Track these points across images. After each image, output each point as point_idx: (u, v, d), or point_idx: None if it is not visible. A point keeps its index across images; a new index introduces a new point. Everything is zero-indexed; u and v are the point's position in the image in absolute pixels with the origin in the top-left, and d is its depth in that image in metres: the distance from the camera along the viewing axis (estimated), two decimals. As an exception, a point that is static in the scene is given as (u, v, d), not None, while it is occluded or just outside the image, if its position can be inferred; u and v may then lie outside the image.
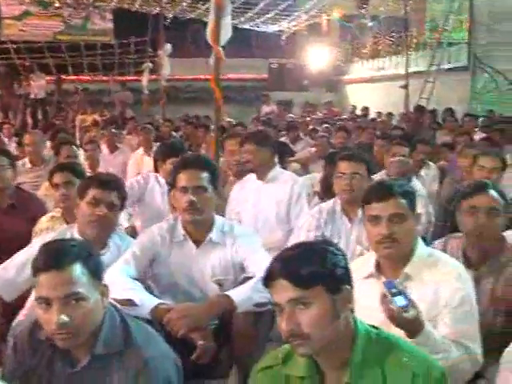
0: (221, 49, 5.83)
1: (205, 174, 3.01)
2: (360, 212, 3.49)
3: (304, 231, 3.70)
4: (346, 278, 1.73)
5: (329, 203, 3.78)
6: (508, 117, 11.51)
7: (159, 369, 1.90)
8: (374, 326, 1.81)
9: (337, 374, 1.73)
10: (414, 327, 2.06)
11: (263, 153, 4.45)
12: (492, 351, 2.85)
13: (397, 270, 2.36)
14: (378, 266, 2.42)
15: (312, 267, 1.65)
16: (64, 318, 1.85)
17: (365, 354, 1.71)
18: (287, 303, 1.66)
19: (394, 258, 2.36)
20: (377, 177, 4.36)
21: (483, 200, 2.74)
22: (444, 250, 2.93)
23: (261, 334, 2.81)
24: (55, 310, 1.85)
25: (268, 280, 1.71)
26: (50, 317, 1.86)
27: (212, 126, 7.40)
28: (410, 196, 2.38)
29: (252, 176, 4.56)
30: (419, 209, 4.32)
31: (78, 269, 1.90)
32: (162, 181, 4.65)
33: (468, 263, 2.80)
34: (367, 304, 2.39)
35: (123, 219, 4.42)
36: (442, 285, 2.31)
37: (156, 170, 4.78)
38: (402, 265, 2.34)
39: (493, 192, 2.77)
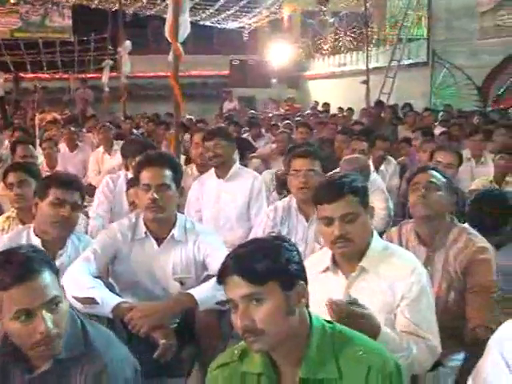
0: (180, 45, 5.80)
1: (168, 172, 2.99)
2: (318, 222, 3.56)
3: (261, 230, 3.71)
4: (299, 274, 1.73)
5: (284, 201, 3.79)
6: (466, 111, 11.72)
7: (118, 373, 1.86)
8: (329, 321, 1.82)
9: (293, 370, 1.73)
10: (369, 328, 2.06)
11: (230, 148, 4.47)
12: (450, 338, 2.94)
13: (353, 265, 2.38)
14: (335, 260, 2.44)
15: (265, 263, 1.65)
16: (51, 325, 1.79)
17: (320, 350, 1.72)
18: (241, 299, 1.66)
19: (350, 257, 2.39)
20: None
21: (423, 177, 2.97)
22: (399, 234, 3.06)
23: (223, 332, 2.81)
24: (40, 318, 1.78)
25: (222, 277, 1.71)
26: (34, 327, 1.78)
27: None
28: (361, 192, 2.36)
29: (211, 173, 4.55)
30: (379, 203, 4.44)
31: (47, 274, 1.84)
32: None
33: (420, 241, 2.96)
34: (325, 298, 2.42)
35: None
36: (397, 279, 2.34)
37: (126, 167, 4.76)
38: (358, 259, 2.36)
39: (433, 171, 3.01)
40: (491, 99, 13.87)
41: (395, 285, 2.33)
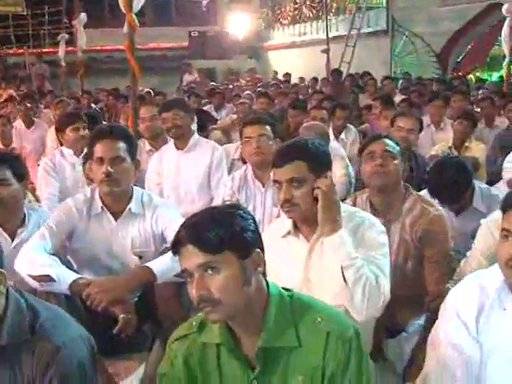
0: (135, 16, 5.69)
1: (121, 144, 2.93)
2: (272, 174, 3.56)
3: (220, 200, 3.72)
4: (255, 242, 1.71)
5: (241, 170, 3.80)
6: (426, 79, 11.78)
7: (71, 354, 1.79)
8: (287, 289, 1.80)
9: (252, 339, 1.71)
10: (332, 217, 2.20)
11: (189, 119, 4.45)
12: (410, 306, 2.97)
13: (313, 228, 2.36)
14: (295, 224, 2.43)
15: (220, 231, 1.62)
16: None
17: (278, 318, 1.71)
18: (196, 269, 1.63)
19: (301, 220, 2.38)
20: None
21: (378, 145, 2.95)
22: (354, 205, 3.02)
23: (184, 305, 2.78)
24: None
25: (176, 247, 1.67)
26: None
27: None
28: (313, 158, 2.31)
29: (170, 146, 4.51)
30: (339, 171, 4.44)
31: None
32: (68, 152, 4.57)
33: (375, 212, 2.94)
34: (286, 262, 2.42)
35: None
36: (362, 231, 2.36)
37: (61, 142, 4.73)
38: (316, 223, 2.33)
39: (387, 140, 2.98)
40: (450, 66, 13.98)
41: (361, 236, 2.34)
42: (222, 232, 1.62)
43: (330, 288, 2.26)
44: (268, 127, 3.60)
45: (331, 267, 2.24)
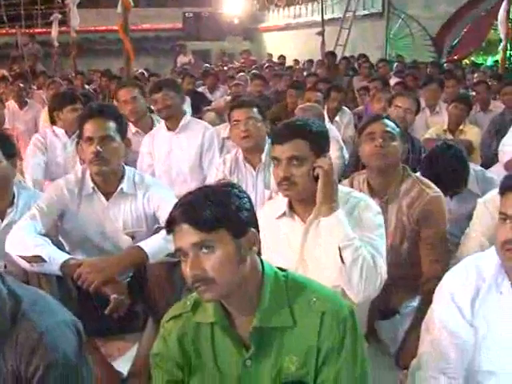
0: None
1: (111, 124, 2.90)
2: (263, 157, 3.54)
3: (212, 181, 3.67)
4: (250, 221, 1.68)
5: (231, 153, 3.78)
6: (421, 62, 11.73)
7: (57, 339, 1.72)
8: (282, 269, 1.78)
9: (246, 319, 1.70)
10: (331, 196, 2.19)
11: (179, 99, 4.41)
12: (405, 288, 2.96)
13: (309, 208, 2.35)
14: (291, 206, 2.41)
15: (214, 210, 1.59)
16: None
17: (273, 298, 1.69)
18: (190, 248, 1.61)
19: (297, 199, 2.36)
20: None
21: (378, 126, 2.91)
22: (351, 186, 3.02)
23: (176, 284, 2.76)
24: None
25: (170, 226, 1.65)
26: None
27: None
28: (314, 138, 2.31)
29: (161, 127, 4.47)
30: (333, 152, 4.41)
31: None
32: (60, 132, 4.54)
33: (372, 193, 2.94)
34: (281, 243, 2.40)
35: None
36: (358, 212, 2.34)
37: (53, 121, 4.68)
38: (313, 203, 2.31)
39: (387, 121, 2.95)
40: (446, 50, 13.93)
41: (351, 219, 2.31)
42: (216, 210, 1.60)
43: (327, 269, 2.24)
44: (256, 110, 3.57)
45: (328, 247, 2.22)
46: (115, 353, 3.00)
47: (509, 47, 11.78)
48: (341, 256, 2.19)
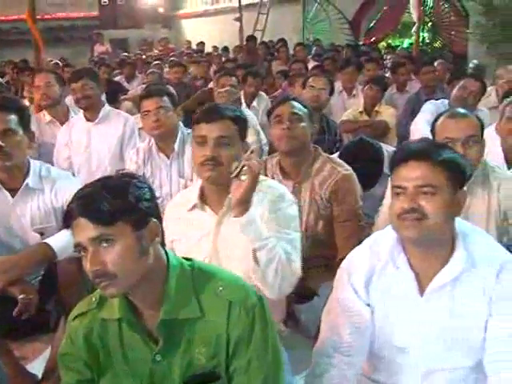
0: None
1: (12, 116, 2.77)
2: (176, 145, 3.50)
3: None
4: (151, 212, 1.63)
5: (144, 143, 3.72)
6: (338, 45, 11.87)
7: None
8: (188, 259, 1.74)
9: (153, 312, 1.65)
10: (249, 198, 2.08)
11: (99, 89, 4.33)
12: (324, 268, 2.98)
13: (222, 198, 2.29)
14: (202, 197, 2.35)
15: (113, 202, 1.53)
16: None
17: (179, 289, 1.65)
18: (90, 242, 1.55)
19: (216, 183, 2.28)
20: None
21: (285, 108, 2.93)
22: (265, 169, 3.04)
23: (88, 280, 2.66)
24: None
25: (68, 220, 1.58)
26: None
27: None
28: (241, 122, 2.31)
29: (79, 117, 4.35)
30: (250, 137, 4.39)
31: None
32: None
33: (285, 175, 2.97)
34: (193, 236, 2.35)
35: None
36: (273, 205, 2.30)
37: None
38: (226, 191, 2.26)
39: (294, 102, 2.96)
40: (362, 33, 14.12)
41: (264, 213, 2.27)
42: (115, 202, 1.54)
43: (241, 263, 2.20)
44: (166, 98, 3.52)
45: (242, 247, 2.17)
46: (29, 355, 2.91)
47: (423, 30, 12.11)
48: (255, 256, 2.14)
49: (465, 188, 2.54)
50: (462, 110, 2.74)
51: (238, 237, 2.16)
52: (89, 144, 4.27)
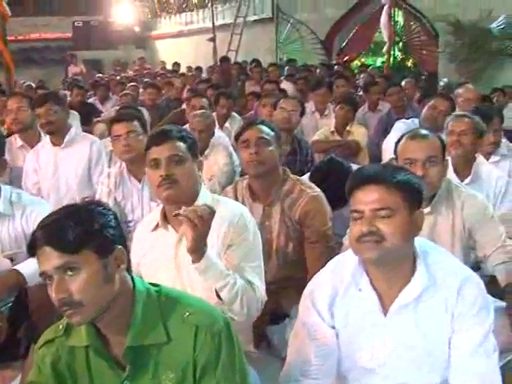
0: (6, 5, 5.42)
1: None
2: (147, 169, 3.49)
3: (97, 198, 3.59)
4: (117, 239, 1.64)
5: (116, 167, 3.73)
6: (311, 65, 11.97)
7: None
8: (155, 285, 1.75)
9: (120, 338, 1.65)
10: (202, 245, 2.06)
11: (64, 113, 4.30)
12: (295, 289, 2.99)
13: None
14: (165, 217, 2.37)
15: (77, 230, 1.54)
16: None
17: (146, 315, 1.65)
18: (55, 271, 1.55)
19: (175, 201, 2.29)
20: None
21: (253, 133, 2.95)
22: (235, 192, 3.07)
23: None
24: None
25: (33, 249, 1.58)
26: None
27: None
28: (189, 141, 2.35)
29: (46, 142, 4.32)
30: (223, 159, 4.43)
31: None
32: None
33: (255, 197, 3.00)
34: (157, 256, 2.37)
35: None
36: (225, 224, 2.32)
37: None
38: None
39: (261, 126, 2.99)
40: (335, 52, 14.26)
41: (221, 230, 2.30)
42: (79, 230, 1.55)
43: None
44: (136, 122, 3.56)
45: (204, 287, 2.18)
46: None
47: (394, 48, 12.29)
48: (218, 295, 2.16)
49: (429, 208, 2.64)
50: (423, 131, 2.79)
51: (201, 283, 2.17)
52: (56, 169, 4.25)
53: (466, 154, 3.41)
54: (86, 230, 1.56)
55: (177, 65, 15.68)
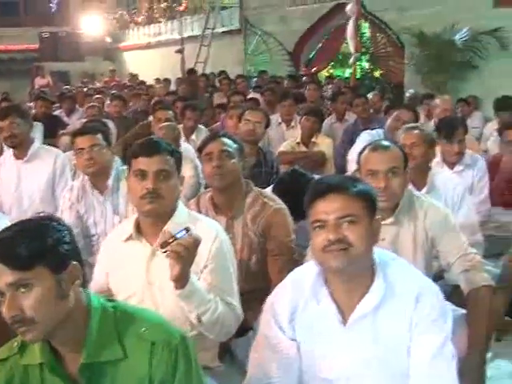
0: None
1: None
2: (110, 182, 3.50)
3: (59, 212, 3.57)
4: (71, 254, 1.61)
5: (79, 180, 3.69)
6: (279, 76, 12.04)
7: None
8: (111, 300, 1.73)
9: (75, 356, 1.62)
10: (188, 273, 2.03)
11: (27, 126, 4.22)
12: (257, 301, 2.98)
13: (157, 230, 2.28)
14: (138, 227, 2.35)
15: (30, 246, 1.51)
16: None
17: (101, 331, 1.63)
18: (7, 288, 1.52)
19: (156, 215, 2.28)
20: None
21: (215, 146, 2.94)
22: (198, 205, 3.05)
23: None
24: None
25: None
26: None
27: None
28: (177, 155, 2.34)
29: (8, 155, 4.26)
30: (188, 171, 4.41)
31: None
32: None
33: (218, 210, 2.98)
34: (127, 267, 2.34)
35: None
36: (201, 245, 2.28)
37: None
38: (163, 223, 2.27)
39: (224, 139, 2.97)
40: (302, 64, 14.37)
41: (197, 251, 2.27)
42: (32, 246, 1.52)
43: (174, 295, 2.18)
44: (99, 136, 3.52)
45: (186, 310, 2.16)
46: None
47: (362, 60, 12.44)
48: (199, 319, 2.15)
49: (391, 219, 2.66)
50: (385, 142, 2.80)
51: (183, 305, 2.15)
52: (19, 182, 4.18)
53: (418, 165, 3.43)
54: (39, 245, 1.53)
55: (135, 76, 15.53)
